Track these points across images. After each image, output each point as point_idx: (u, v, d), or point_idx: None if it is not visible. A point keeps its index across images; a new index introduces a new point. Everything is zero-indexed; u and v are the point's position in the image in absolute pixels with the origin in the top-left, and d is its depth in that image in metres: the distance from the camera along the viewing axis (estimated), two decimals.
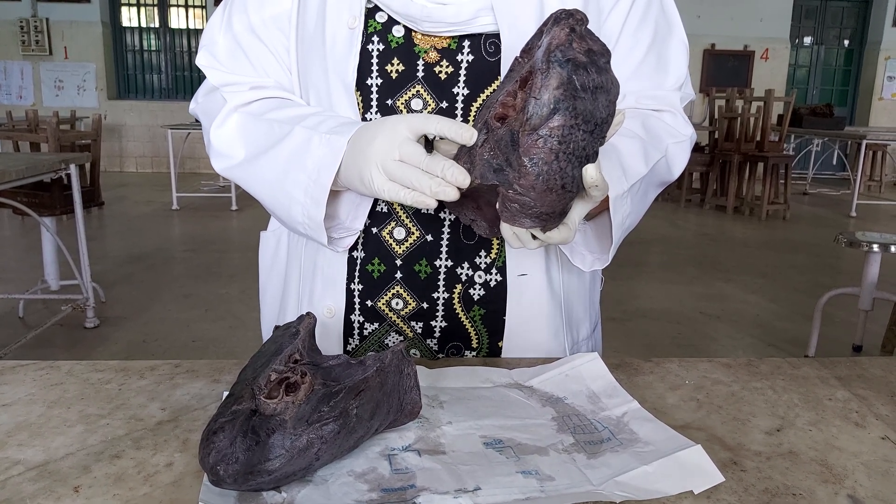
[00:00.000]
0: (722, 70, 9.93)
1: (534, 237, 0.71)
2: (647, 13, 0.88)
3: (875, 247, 3.08)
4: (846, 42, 10.54)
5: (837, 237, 3.23)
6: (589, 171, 0.63)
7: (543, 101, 0.60)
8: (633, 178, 0.80)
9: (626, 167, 0.80)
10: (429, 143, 0.71)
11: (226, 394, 0.63)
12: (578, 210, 0.70)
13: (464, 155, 0.69)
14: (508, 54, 0.80)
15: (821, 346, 3.30)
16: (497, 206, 0.68)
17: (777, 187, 7.04)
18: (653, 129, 0.86)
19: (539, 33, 0.65)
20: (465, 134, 0.65)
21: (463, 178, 0.65)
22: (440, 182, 0.66)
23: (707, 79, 9.82)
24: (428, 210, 0.78)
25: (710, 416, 0.73)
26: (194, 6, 9.79)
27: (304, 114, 0.83)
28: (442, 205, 0.72)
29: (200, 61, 0.91)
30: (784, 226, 6.65)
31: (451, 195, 0.66)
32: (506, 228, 0.71)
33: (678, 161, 0.89)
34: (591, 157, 0.64)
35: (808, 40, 10.47)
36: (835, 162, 10.36)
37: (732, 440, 0.68)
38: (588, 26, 0.64)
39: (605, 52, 0.63)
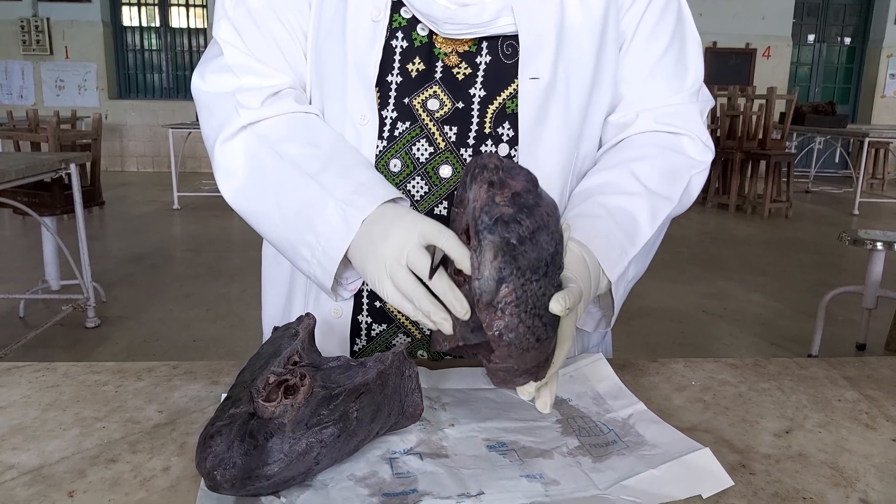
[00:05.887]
0: (724, 68, 9.91)
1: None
2: (665, 13, 0.88)
3: (879, 245, 3.07)
4: (848, 39, 10.51)
5: (841, 235, 3.21)
6: (554, 308, 0.60)
7: (486, 276, 0.58)
8: (637, 245, 0.79)
9: (629, 236, 0.78)
10: (440, 259, 0.66)
11: (224, 396, 0.62)
12: (568, 325, 0.67)
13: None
14: (526, 55, 0.79)
15: (824, 345, 3.29)
16: (487, 375, 0.66)
17: (779, 185, 7.02)
18: (670, 171, 0.85)
19: (463, 184, 0.64)
20: (465, 263, 0.62)
21: (460, 308, 0.62)
22: (439, 311, 0.64)
23: (709, 77, 9.66)
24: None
25: (718, 418, 0.72)
26: (195, 5, 9.78)
27: (316, 155, 0.78)
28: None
29: (221, 35, 0.83)
30: (786, 224, 6.63)
31: (448, 329, 0.64)
32: (520, 389, 0.68)
33: (695, 192, 0.87)
34: (558, 288, 0.61)
35: (810, 38, 10.43)
36: (837, 160, 10.34)
37: (741, 442, 0.67)
38: (504, 163, 0.61)
39: (530, 184, 0.61)
